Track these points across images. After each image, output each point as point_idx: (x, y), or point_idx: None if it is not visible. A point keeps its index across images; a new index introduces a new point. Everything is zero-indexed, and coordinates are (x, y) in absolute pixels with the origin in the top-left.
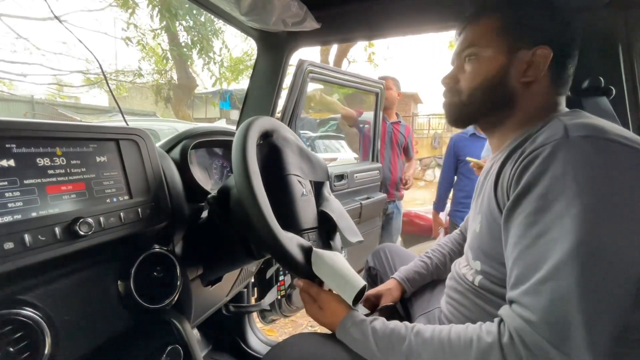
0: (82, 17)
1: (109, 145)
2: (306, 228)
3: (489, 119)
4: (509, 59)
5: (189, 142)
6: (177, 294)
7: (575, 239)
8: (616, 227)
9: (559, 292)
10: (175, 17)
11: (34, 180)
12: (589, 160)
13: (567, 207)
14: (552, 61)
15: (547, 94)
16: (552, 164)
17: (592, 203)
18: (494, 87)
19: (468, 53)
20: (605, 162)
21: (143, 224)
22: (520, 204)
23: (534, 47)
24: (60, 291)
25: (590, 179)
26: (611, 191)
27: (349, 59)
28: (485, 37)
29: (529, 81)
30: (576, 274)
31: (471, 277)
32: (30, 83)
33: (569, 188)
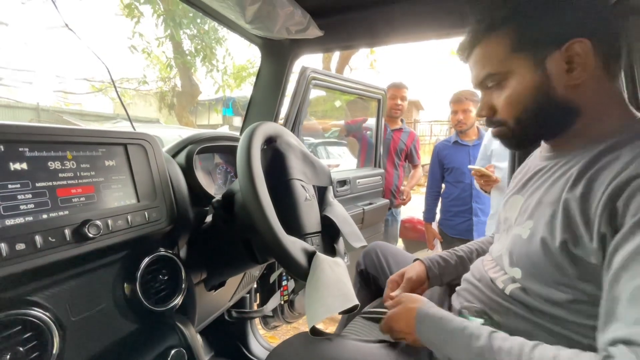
0: (88, 25)
1: (118, 150)
2: (310, 232)
3: (555, 133)
4: (541, 71)
5: (194, 147)
6: (181, 297)
7: None
8: None
9: None
10: (180, 25)
11: (45, 183)
12: None
13: None
14: (595, 50)
15: (606, 87)
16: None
17: None
18: (541, 105)
19: (489, 80)
20: None
21: (149, 227)
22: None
23: (565, 43)
24: (69, 292)
25: None
26: None
27: (350, 66)
28: (500, 58)
29: (580, 82)
30: None
31: (502, 284)
32: (36, 90)
33: None
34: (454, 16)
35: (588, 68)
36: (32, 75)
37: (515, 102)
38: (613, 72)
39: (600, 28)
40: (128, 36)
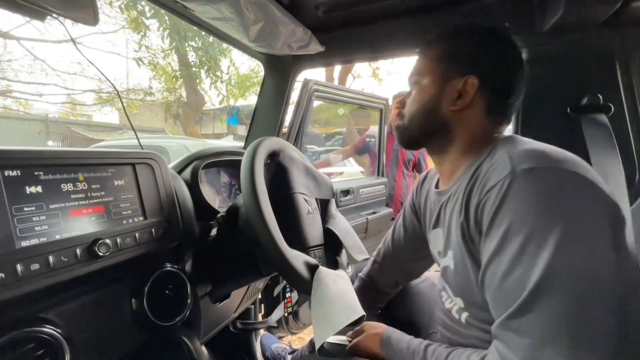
0: (97, 38)
1: (126, 170)
2: (312, 245)
3: (431, 145)
4: (442, 88)
5: (199, 163)
6: (187, 311)
7: (545, 275)
8: (578, 253)
9: (542, 329)
10: (185, 38)
11: (58, 205)
12: (537, 194)
13: (530, 243)
14: (481, 90)
15: (482, 123)
16: (507, 203)
17: (550, 234)
18: (427, 114)
19: (412, 80)
20: (552, 192)
21: (156, 244)
22: (487, 248)
23: (465, 77)
24: (79, 309)
25: (542, 211)
26: (566, 219)
27: (353, 75)
28: (426, 66)
29: (459, 109)
30: (557, 307)
31: (457, 315)
32: (45, 102)
33: (527, 224)
34: None
35: (471, 102)
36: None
37: (415, 102)
38: (496, 116)
39: (492, 74)
40: (135, 48)
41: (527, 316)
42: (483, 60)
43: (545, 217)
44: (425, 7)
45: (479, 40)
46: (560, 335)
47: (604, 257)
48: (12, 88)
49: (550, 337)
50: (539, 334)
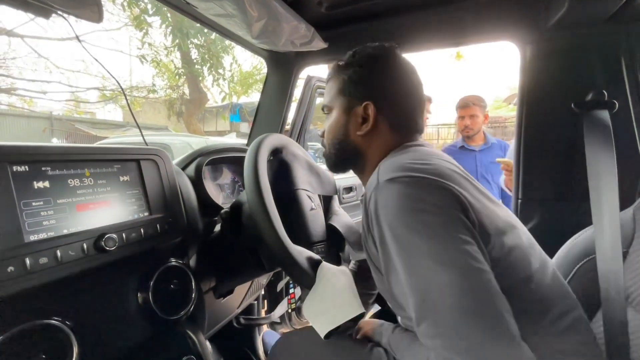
0: (100, 36)
1: (131, 166)
2: (315, 241)
3: (352, 167)
4: (348, 116)
5: (203, 160)
6: (192, 305)
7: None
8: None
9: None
10: (187, 36)
11: (65, 200)
12: (390, 202)
13: (390, 250)
14: (380, 112)
15: (391, 139)
16: (379, 215)
17: (399, 241)
18: (340, 142)
19: (324, 108)
20: (405, 201)
21: (161, 239)
22: (381, 256)
23: (364, 103)
24: (87, 303)
25: (393, 219)
26: (409, 226)
27: None
28: (332, 97)
29: (366, 133)
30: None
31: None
32: (49, 100)
33: (385, 231)
34: (456, 27)
35: (374, 124)
36: (45, 85)
37: (329, 131)
38: (402, 131)
39: (384, 98)
40: (138, 46)
41: (424, 325)
42: (375, 85)
43: (404, 226)
44: (429, 3)
45: (370, 66)
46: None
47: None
48: (16, 86)
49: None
50: (440, 338)
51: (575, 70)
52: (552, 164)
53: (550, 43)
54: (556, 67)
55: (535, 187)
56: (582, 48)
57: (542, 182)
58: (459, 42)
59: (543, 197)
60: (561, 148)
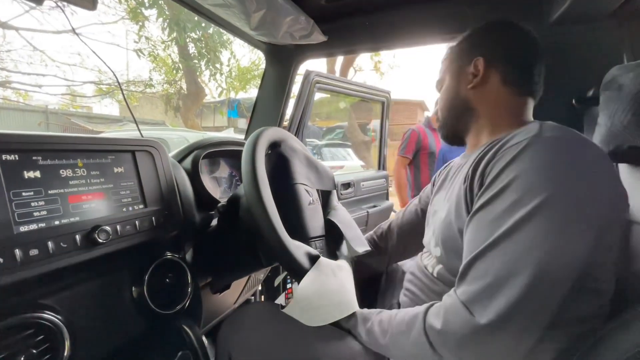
0: (96, 29)
1: (126, 157)
2: (313, 236)
3: (464, 128)
4: (459, 78)
5: (200, 153)
6: (188, 300)
7: (532, 247)
8: (569, 231)
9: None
10: (184, 29)
11: (57, 191)
12: (555, 158)
13: (521, 202)
14: (491, 66)
15: (501, 93)
16: (518, 158)
17: (542, 201)
18: (452, 102)
19: (438, 87)
20: (572, 161)
21: (157, 232)
22: (483, 197)
23: (473, 60)
24: (79, 296)
25: (548, 177)
26: (570, 190)
27: (355, 68)
28: (445, 68)
29: (475, 85)
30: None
31: (431, 268)
32: (44, 94)
33: (528, 184)
34: (456, 20)
35: (485, 78)
36: (40, 78)
37: (442, 98)
38: (514, 86)
39: (495, 51)
40: (134, 39)
41: (483, 260)
42: (484, 42)
43: (547, 183)
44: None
45: (482, 30)
46: (500, 291)
47: (580, 241)
48: (11, 79)
49: (492, 288)
50: (487, 280)
51: (577, 66)
52: None
53: (552, 38)
54: (558, 62)
55: None
56: (584, 44)
57: None
58: (459, 37)
59: None
60: None
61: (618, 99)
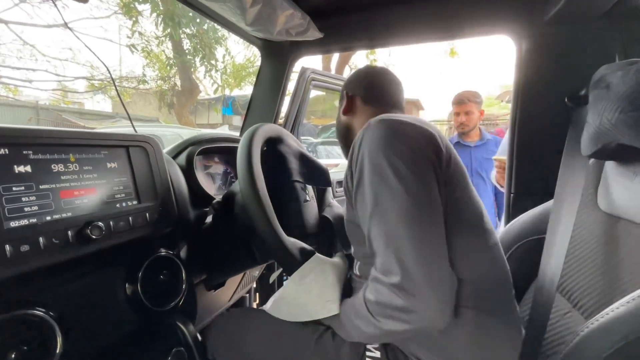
0: (88, 24)
1: (119, 152)
2: (309, 233)
3: None
4: (339, 110)
5: (194, 149)
6: (182, 297)
7: (374, 201)
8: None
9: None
10: (179, 25)
11: (48, 186)
12: (379, 135)
13: (365, 175)
14: (354, 94)
15: (366, 111)
16: (361, 146)
17: (380, 167)
18: (336, 127)
19: None
20: (388, 134)
21: (151, 228)
22: (353, 180)
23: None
24: (72, 293)
25: (379, 148)
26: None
27: (350, 66)
28: None
29: (345, 110)
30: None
31: (357, 271)
32: (35, 89)
33: (368, 160)
34: (453, 19)
35: (350, 103)
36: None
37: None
38: (371, 102)
39: (356, 83)
40: (128, 35)
41: (374, 226)
42: (349, 81)
43: (378, 154)
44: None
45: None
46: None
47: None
48: (0, 73)
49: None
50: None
51: (570, 65)
52: (545, 158)
53: (547, 37)
54: (552, 61)
55: (528, 181)
56: (577, 43)
57: (534, 176)
58: (455, 35)
59: (535, 192)
60: (555, 143)
61: (606, 98)
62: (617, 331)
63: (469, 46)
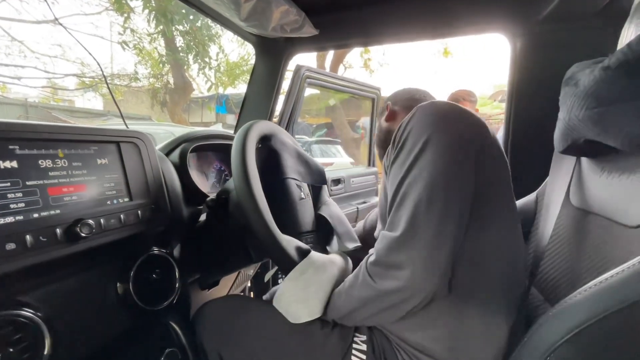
0: (78, 20)
1: (110, 148)
2: (304, 231)
3: None
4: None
5: (188, 146)
6: (175, 296)
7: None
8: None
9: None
10: (171, 22)
11: (36, 182)
12: (433, 113)
13: (410, 152)
14: (394, 105)
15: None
16: (410, 120)
17: (433, 138)
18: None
19: None
20: (439, 114)
21: (143, 226)
22: (392, 156)
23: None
24: (61, 293)
25: (426, 127)
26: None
27: (345, 65)
28: None
29: (387, 118)
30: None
31: None
32: (24, 86)
33: (414, 137)
34: (448, 17)
35: (391, 112)
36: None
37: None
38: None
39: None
40: (119, 31)
41: (393, 197)
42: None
43: (425, 129)
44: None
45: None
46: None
47: (461, 165)
48: None
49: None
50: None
51: (564, 63)
52: (540, 156)
53: (541, 36)
54: (546, 60)
55: (521, 179)
56: (571, 42)
57: (528, 175)
58: (450, 33)
59: (528, 189)
60: (549, 141)
61: (574, 95)
62: (571, 319)
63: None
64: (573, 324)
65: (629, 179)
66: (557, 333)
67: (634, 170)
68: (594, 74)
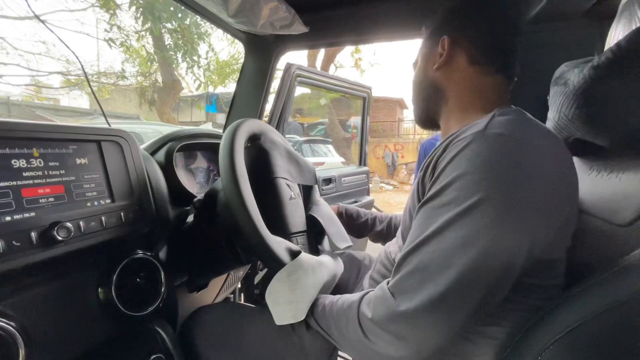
0: (63, 17)
1: (90, 147)
2: (295, 232)
3: (431, 111)
4: (427, 59)
5: (174, 145)
6: (161, 300)
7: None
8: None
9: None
10: (159, 19)
11: (8, 183)
12: (494, 158)
13: (456, 201)
14: (456, 45)
15: (468, 72)
16: (460, 155)
17: (485, 201)
18: (420, 84)
19: (414, 65)
20: (511, 162)
21: (126, 229)
22: (430, 192)
23: (440, 40)
24: (37, 300)
25: (487, 176)
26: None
27: (335, 64)
28: (419, 48)
29: (440, 65)
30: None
31: (393, 254)
32: (6, 84)
33: (464, 182)
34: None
35: (450, 58)
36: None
37: (413, 80)
38: (482, 65)
39: (461, 29)
40: (106, 28)
41: (415, 254)
42: (453, 21)
43: (482, 184)
44: None
45: (450, 9)
46: (425, 284)
47: (512, 240)
48: None
49: (419, 280)
50: (415, 273)
51: (552, 63)
52: None
53: (528, 36)
54: (533, 60)
55: None
56: (557, 42)
57: None
58: None
59: None
60: None
61: (563, 94)
62: (562, 319)
63: None
64: (564, 324)
65: (618, 177)
66: (549, 333)
67: (623, 169)
68: (583, 73)
